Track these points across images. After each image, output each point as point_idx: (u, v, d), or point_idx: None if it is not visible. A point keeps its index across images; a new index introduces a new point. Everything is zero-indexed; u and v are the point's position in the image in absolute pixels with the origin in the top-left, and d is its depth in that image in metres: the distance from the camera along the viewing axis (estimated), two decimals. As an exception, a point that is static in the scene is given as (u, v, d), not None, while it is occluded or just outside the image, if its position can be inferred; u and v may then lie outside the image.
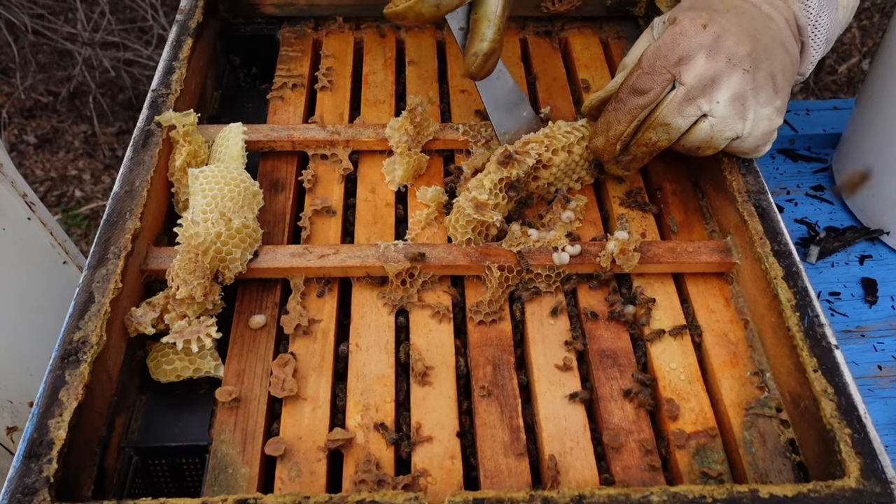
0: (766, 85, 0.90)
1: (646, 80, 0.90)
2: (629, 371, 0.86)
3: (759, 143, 0.94)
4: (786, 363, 0.83)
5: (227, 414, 0.81)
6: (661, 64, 0.90)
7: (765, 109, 0.91)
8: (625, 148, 0.96)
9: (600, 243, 0.94)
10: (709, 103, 0.90)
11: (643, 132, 0.93)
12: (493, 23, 0.94)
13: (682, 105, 0.90)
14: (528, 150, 0.97)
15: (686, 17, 0.90)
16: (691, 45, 0.89)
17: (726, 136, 0.92)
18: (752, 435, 0.81)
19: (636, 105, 0.92)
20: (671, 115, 0.91)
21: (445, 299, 0.92)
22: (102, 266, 0.83)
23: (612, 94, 0.96)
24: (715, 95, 0.90)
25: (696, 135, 0.92)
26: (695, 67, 0.89)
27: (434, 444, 0.80)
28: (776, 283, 0.85)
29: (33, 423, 0.70)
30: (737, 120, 0.91)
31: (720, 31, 0.89)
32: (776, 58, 0.91)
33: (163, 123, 0.97)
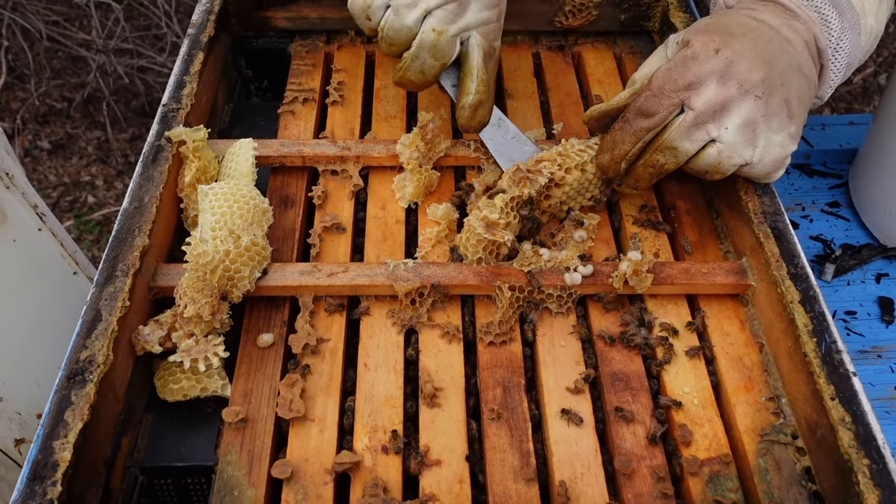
0: (780, 111, 0.89)
1: (653, 103, 0.89)
2: (642, 395, 0.85)
3: (770, 170, 0.92)
4: (802, 389, 0.81)
5: (234, 434, 0.80)
6: (670, 88, 0.88)
7: (777, 136, 0.90)
8: (630, 167, 0.95)
9: (613, 264, 0.93)
10: (717, 129, 0.88)
11: (650, 154, 0.92)
12: (475, 76, 0.99)
13: (690, 130, 0.89)
14: (541, 168, 0.96)
15: (698, 41, 0.89)
16: (702, 71, 0.87)
17: (734, 162, 0.90)
18: (768, 462, 0.80)
19: (641, 127, 0.91)
20: (678, 139, 0.89)
21: (455, 319, 0.91)
22: (110, 283, 0.82)
23: (614, 108, 0.95)
24: (724, 122, 0.88)
25: (703, 160, 0.91)
26: (705, 93, 0.87)
27: (443, 467, 0.79)
28: (793, 308, 0.84)
29: (38, 444, 0.69)
30: (746, 147, 0.89)
31: (733, 56, 0.87)
32: (792, 83, 0.90)
33: (173, 139, 0.97)
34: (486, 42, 1.00)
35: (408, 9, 0.96)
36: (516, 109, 1.18)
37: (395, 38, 0.98)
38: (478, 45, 0.99)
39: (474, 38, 0.99)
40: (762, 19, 0.92)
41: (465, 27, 0.98)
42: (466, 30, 0.98)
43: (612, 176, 0.97)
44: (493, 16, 1.00)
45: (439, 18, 0.96)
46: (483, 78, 0.99)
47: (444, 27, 0.96)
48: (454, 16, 0.97)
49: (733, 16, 0.94)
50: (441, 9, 0.96)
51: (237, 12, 1.25)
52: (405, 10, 0.96)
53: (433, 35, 0.96)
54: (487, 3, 0.99)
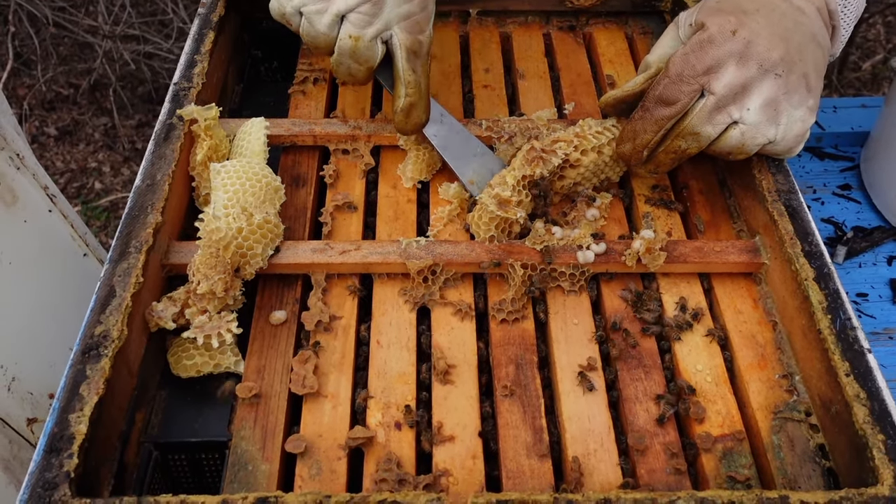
0: (800, 86, 0.88)
1: (673, 90, 0.88)
2: (655, 373, 0.85)
3: (793, 145, 0.92)
4: (816, 366, 0.81)
5: (248, 410, 0.80)
6: (689, 73, 0.87)
7: (798, 111, 0.89)
8: (652, 153, 0.94)
9: (626, 242, 0.92)
10: (739, 110, 0.88)
11: (672, 140, 0.91)
12: (402, 79, 0.95)
13: (712, 114, 0.88)
14: (556, 149, 0.95)
15: (714, 23, 0.88)
16: (720, 54, 0.86)
17: (758, 142, 0.90)
18: (781, 439, 0.80)
19: (663, 115, 0.90)
20: (700, 124, 0.89)
21: (468, 297, 0.91)
22: (124, 260, 0.82)
23: (630, 94, 0.94)
24: (746, 102, 0.87)
25: (726, 142, 0.90)
26: (725, 76, 0.86)
27: (456, 443, 0.79)
28: (807, 285, 0.83)
29: (54, 417, 0.70)
30: (769, 125, 0.89)
31: (750, 35, 0.86)
32: (808, 56, 0.89)
33: (184, 117, 0.97)
34: (409, 37, 0.94)
35: (318, 15, 0.92)
36: (527, 90, 1.17)
37: (315, 44, 0.95)
38: (400, 44, 0.93)
39: (396, 38, 0.94)
40: None
41: (383, 27, 0.93)
42: (386, 29, 0.93)
43: (633, 164, 0.97)
44: (414, 7, 0.94)
45: (354, 23, 0.92)
46: (410, 80, 0.94)
47: (359, 32, 0.92)
48: (370, 17, 0.92)
49: None
50: (355, 12, 0.91)
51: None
52: (316, 17, 0.92)
53: (350, 42, 0.92)
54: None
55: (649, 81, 0.93)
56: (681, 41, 0.94)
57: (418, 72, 0.95)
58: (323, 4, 0.91)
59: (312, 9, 0.92)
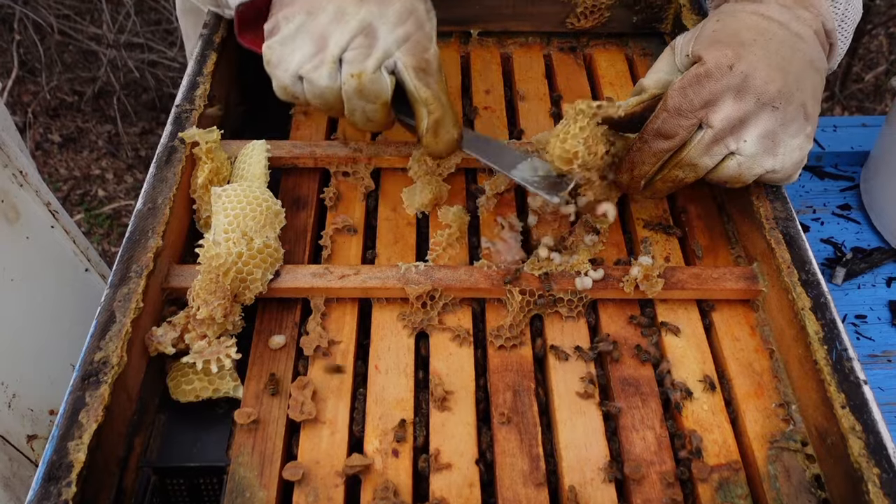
0: (798, 116, 0.88)
1: (671, 124, 0.88)
2: (652, 400, 0.85)
3: (792, 172, 0.92)
4: (812, 397, 0.81)
5: (246, 436, 0.81)
6: (687, 107, 0.87)
7: (795, 140, 0.89)
8: (650, 182, 0.95)
9: (624, 268, 0.93)
10: (736, 142, 0.88)
11: (669, 170, 0.92)
12: (419, 98, 0.91)
13: (710, 146, 0.88)
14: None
15: (711, 57, 0.88)
16: (717, 88, 0.86)
17: (755, 172, 0.90)
18: (777, 469, 0.80)
19: (661, 148, 0.90)
20: (698, 156, 0.89)
21: (466, 322, 0.91)
22: (124, 285, 0.83)
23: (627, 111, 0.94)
24: (743, 135, 0.88)
25: (724, 172, 0.91)
26: (722, 110, 0.87)
27: (453, 471, 0.79)
28: (804, 315, 0.84)
29: (52, 445, 0.70)
30: (766, 156, 0.89)
31: (747, 69, 0.86)
32: (807, 83, 0.89)
33: (186, 140, 0.97)
34: (414, 58, 0.90)
35: (316, 70, 0.89)
36: (528, 111, 1.18)
37: (326, 103, 0.92)
38: (405, 67, 0.90)
39: (400, 63, 0.90)
40: (770, 16, 0.91)
41: (383, 56, 0.89)
42: (387, 57, 0.90)
43: (631, 192, 0.98)
44: (410, 28, 0.91)
45: (351, 61, 0.89)
46: (427, 96, 0.91)
47: (360, 67, 0.89)
48: (366, 49, 0.89)
49: (741, 17, 0.92)
50: (349, 50, 0.89)
51: (250, 12, 1.25)
52: (315, 74, 0.90)
53: (353, 81, 0.89)
54: (399, 18, 0.90)
55: (642, 104, 0.93)
56: (677, 68, 0.94)
57: (434, 87, 0.92)
58: (318, 58, 0.89)
59: (309, 67, 0.90)
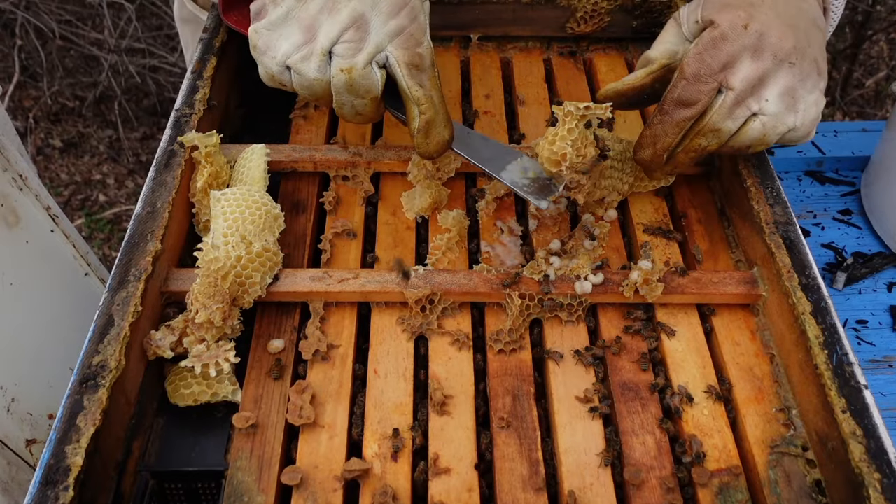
0: (812, 71, 0.89)
1: (691, 91, 0.88)
2: (651, 405, 0.85)
3: (810, 130, 0.92)
4: (813, 401, 0.81)
5: (244, 440, 0.80)
6: (706, 73, 0.87)
7: (812, 95, 0.90)
8: (671, 155, 0.94)
9: (623, 273, 0.93)
10: (758, 102, 0.88)
11: (691, 139, 0.92)
12: (411, 97, 0.89)
13: (732, 109, 0.88)
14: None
15: (724, 19, 0.88)
16: (735, 49, 0.87)
17: (779, 131, 0.90)
18: (778, 474, 0.79)
19: (683, 117, 0.90)
20: (721, 120, 0.89)
21: (465, 326, 0.91)
22: (123, 289, 0.82)
23: (630, 87, 0.94)
24: (764, 94, 0.88)
25: (747, 135, 0.90)
26: (741, 70, 0.87)
27: (452, 475, 0.79)
28: (804, 319, 0.83)
29: (50, 448, 0.70)
30: (788, 113, 0.89)
31: (762, 27, 0.87)
32: (815, 40, 0.90)
33: (185, 144, 0.97)
34: (406, 53, 0.88)
35: (305, 61, 0.88)
36: (527, 115, 1.18)
37: (313, 94, 0.91)
38: (398, 62, 0.88)
39: (392, 58, 0.88)
40: None
41: (374, 50, 0.87)
42: (378, 51, 0.88)
43: (654, 168, 0.97)
44: (404, 20, 0.88)
45: (342, 55, 0.87)
46: (419, 95, 0.89)
47: (350, 62, 0.87)
48: (357, 43, 0.87)
49: None
50: (339, 43, 0.87)
51: (250, 16, 1.25)
52: (304, 65, 0.88)
53: (343, 76, 0.87)
54: (392, 9, 0.88)
55: (650, 76, 0.93)
56: (684, 38, 0.94)
57: (426, 85, 0.90)
58: (307, 49, 0.87)
59: (297, 57, 0.88)
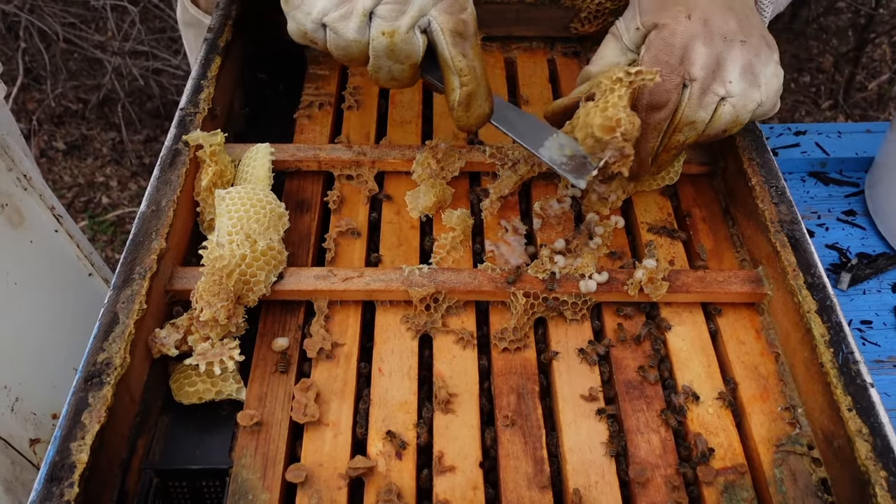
0: (762, 45, 0.91)
1: (658, 93, 0.89)
2: (657, 403, 0.85)
3: (775, 101, 0.93)
4: (819, 400, 0.81)
5: (249, 438, 0.80)
6: (667, 71, 0.89)
7: (769, 68, 0.91)
8: (654, 157, 0.95)
9: (628, 271, 0.92)
10: (723, 86, 0.89)
11: (669, 137, 0.93)
12: (452, 67, 0.86)
13: (701, 98, 0.89)
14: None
15: (667, 17, 0.90)
16: (685, 40, 0.88)
17: (749, 108, 0.91)
18: (783, 473, 0.79)
19: (658, 119, 0.91)
20: (693, 112, 0.90)
21: (470, 325, 0.91)
22: (127, 286, 0.82)
23: (576, 100, 0.93)
24: (725, 76, 0.89)
25: (721, 120, 0.91)
26: (698, 58, 0.88)
27: (456, 473, 0.79)
28: (809, 317, 0.83)
29: (55, 445, 0.70)
30: (753, 89, 0.90)
31: (704, 14, 0.89)
32: (754, 19, 0.93)
33: (190, 143, 0.98)
34: (451, 18, 0.85)
35: (344, 21, 0.84)
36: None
37: (347, 56, 0.87)
38: (441, 28, 0.84)
39: (435, 23, 0.85)
40: None
41: (418, 14, 0.84)
42: (422, 15, 0.84)
43: (643, 174, 0.97)
44: None
45: (384, 17, 0.83)
46: (462, 66, 0.86)
47: (393, 25, 0.83)
48: (401, 5, 0.83)
49: None
50: (382, 4, 0.83)
51: (254, 17, 1.25)
52: (342, 25, 0.84)
53: (384, 39, 0.84)
54: None
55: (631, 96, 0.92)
56: (625, 48, 0.95)
57: (469, 55, 0.86)
58: (346, 7, 0.83)
59: (335, 15, 0.84)
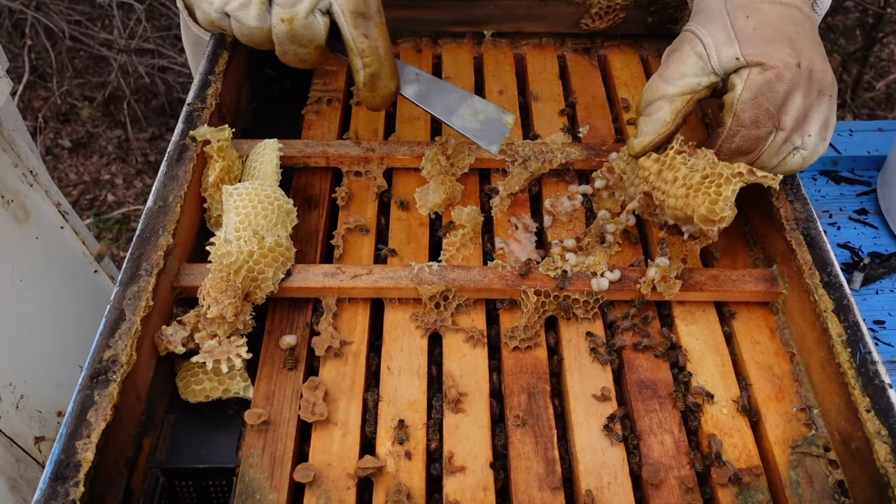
0: (835, 98, 0.88)
1: (750, 139, 0.86)
2: (669, 404, 0.83)
3: None
4: (835, 401, 0.79)
5: (256, 437, 0.79)
6: (764, 118, 0.85)
7: (833, 121, 0.89)
8: None
9: (640, 269, 0.91)
10: (801, 137, 0.87)
11: None
12: (355, 48, 0.88)
13: (780, 147, 0.87)
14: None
15: (777, 59, 0.84)
16: (789, 89, 0.85)
17: (812, 161, 0.90)
18: (799, 475, 0.78)
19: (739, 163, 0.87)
20: (768, 158, 0.88)
21: (480, 323, 0.89)
22: (134, 283, 0.81)
23: (665, 136, 0.90)
24: (807, 129, 0.87)
25: (784, 167, 0.89)
26: (793, 109, 0.85)
27: (467, 474, 0.77)
28: (826, 317, 0.82)
29: (61, 443, 0.69)
30: (821, 145, 0.89)
31: (809, 63, 0.85)
32: (829, 65, 0.89)
33: (197, 138, 0.96)
34: (351, 1, 0.87)
35: (244, 9, 0.87)
36: (541, 112, 1.16)
37: (253, 42, 0.90)
38: (342, 11, 0.86)
39: (336, 5, 0.87)
40: (788, 2, 0.90)
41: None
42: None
43: None
44: None
45: (282, 4, 0.86)
46: (364, 47, 0.87)
47: (291, 12, 0.86)
48: None
49: (766, 9, 0.88)
50: None
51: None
52: (243, 13, 0.87)
53: (284, 26, 0.86)
54: None
55: (681, 115, 0.90)
56: (710, 70, 0.88)
57: (372, 36, 0.88)
58: None
59: (236, 4, 0.87)
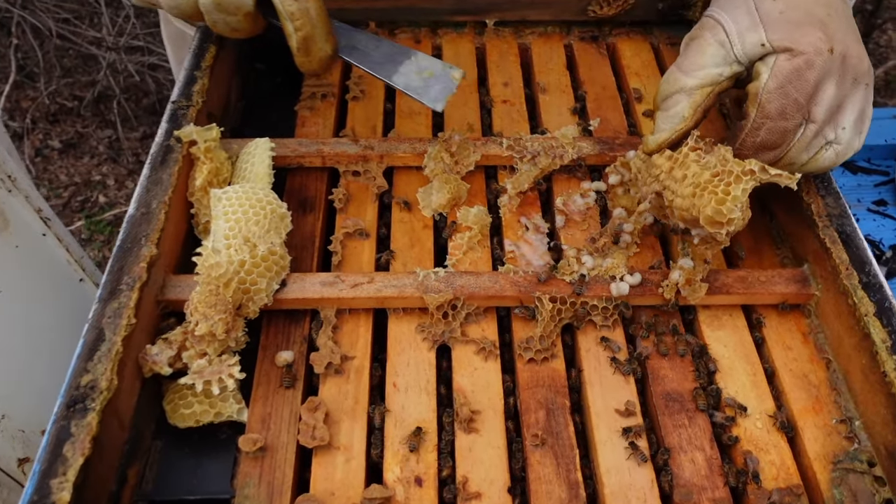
0: (872, 86, 0.81)
1: (777, 133, 0.78)
2: (699, 418, 0.77)
3: None
4: (880, 412, 0.73)
5: (252, 464, 0.73)
6: (792, 108, 0.77)
7: (871, 112, 0.82)
8: None
9: (662, 272, 0.85)
10: (834, 130, 0.80)
11: None
12: (284, 13, 0.86)
13: (810, 141, 0.80)
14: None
15: (807, 43, 0.77)
16: (821, 76, 0.77)
17: (846, 157, 0.82)
18: (843, 493, 0.72)
19: (765, 160, 0.81)
20: (797, 154, 0.81)
21: (491, 334, 0.83)
22: (114, 299, 0.75)
23: (683, 132, 0.83)
24: (841, 121, 0.80)
25: (816, 164, 0.82)
26: (826, 99, 0.78)
27: (483, 501, 0.71)
28: (868, 321, 0.75)
29: (33, 483, 0.62)
30: (856, 138, 0.82)
31: (843, 48, 0.77)
32: (864, 48, 0.81)
33: (183, 138, 0.90)
34: None
35: None
36: (549, 104, 1.10)
37: (182, 13, 0.89)
38: None
39: None
40: None
41: None
42: None
43: None
44: None
45: None
46: (293, 10, 0.85)
47: None
48: None
49: None
50: None
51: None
52: None
53: None
54: None
55: (700, 109, 0.82)
56: (733, 59, 0.81)
57: (300, 6, 0.86)
58: None
59: None
